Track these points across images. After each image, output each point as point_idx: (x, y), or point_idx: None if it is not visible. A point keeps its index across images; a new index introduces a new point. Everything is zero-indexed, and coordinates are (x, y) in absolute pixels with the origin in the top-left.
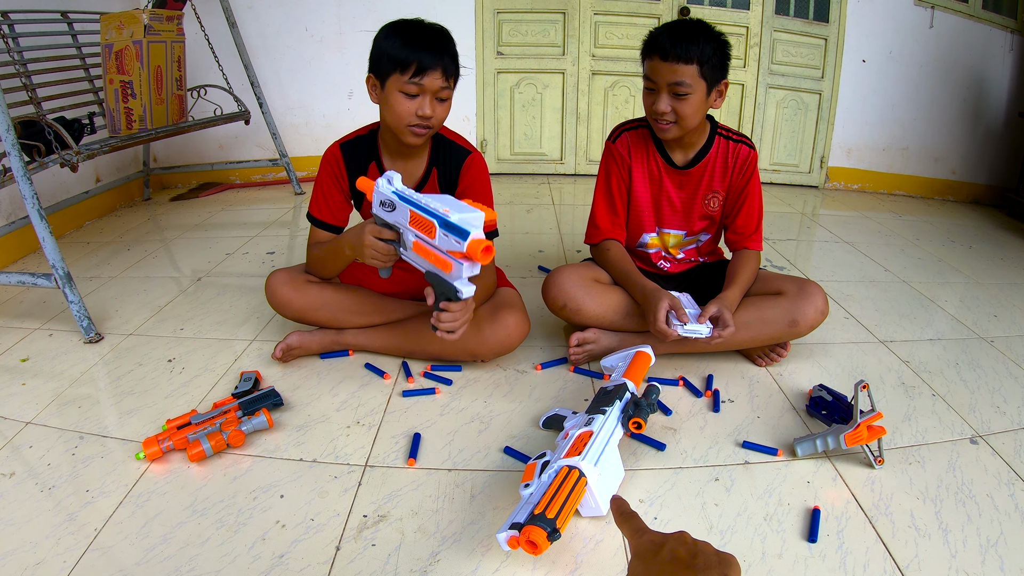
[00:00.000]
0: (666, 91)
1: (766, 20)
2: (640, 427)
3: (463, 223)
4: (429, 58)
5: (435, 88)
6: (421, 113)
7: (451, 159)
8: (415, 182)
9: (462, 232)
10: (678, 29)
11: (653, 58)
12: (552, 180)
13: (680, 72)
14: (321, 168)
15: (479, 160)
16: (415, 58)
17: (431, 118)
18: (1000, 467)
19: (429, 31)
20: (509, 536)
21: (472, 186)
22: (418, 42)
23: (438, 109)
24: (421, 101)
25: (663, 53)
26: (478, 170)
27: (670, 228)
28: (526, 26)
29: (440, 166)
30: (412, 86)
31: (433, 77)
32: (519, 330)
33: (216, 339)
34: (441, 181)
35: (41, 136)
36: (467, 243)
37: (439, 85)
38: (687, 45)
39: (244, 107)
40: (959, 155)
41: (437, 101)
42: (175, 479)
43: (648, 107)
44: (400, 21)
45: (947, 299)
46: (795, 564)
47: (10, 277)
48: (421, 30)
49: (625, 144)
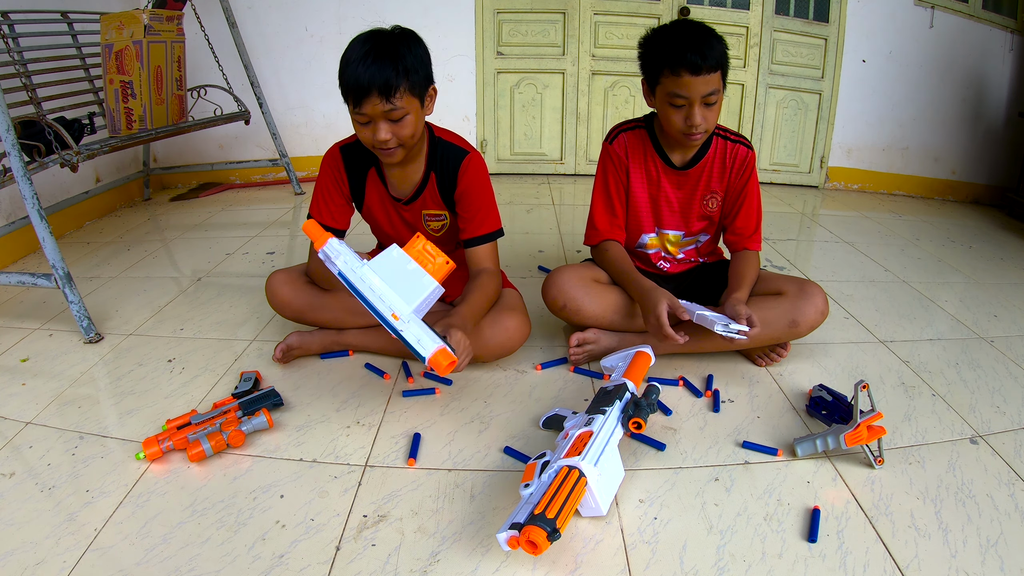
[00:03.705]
0: (699, 103)
1: (766, 20)
2: (640, 427)
3: (419, 345)
4: (363, 84)
5: (378, 113)
6: (376, 139)
7: (448, 161)
8: (413, 187)
9: (418, 354)
10: (694, 38)
11: (681, 74)
12: (552, 180)
13: (711, 82)
14: (321, 170)
15: (476, 160)
16: (351, 86)
17: (388, 141)
18: (1000, 467)
19: (370, 49)
20: (509, 536)
21: (469, 188)
22: (354, 66)
23: (396, 129)
24: (373, 127)
25: (694, 68)
26: (475, 171)
27: (669, 228)
28: (526, 26)
29: (437, 169)
30: (358, 115)
31: (372, 103)
32: (520, 333)
33: (216, 339)
34: (440, 184)
35: (41, 136)
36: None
37: (382, 109)
38: (712, 53)
39: (244, 107)
40: (959, 155)
41: (391, 123)
42: (175, 479)
43: (679, 123)
44: (355, 39)
45: (947, 299)
46: (795, 564)
47: (10, 277)
48: (361, 49)
49: (622, 145)
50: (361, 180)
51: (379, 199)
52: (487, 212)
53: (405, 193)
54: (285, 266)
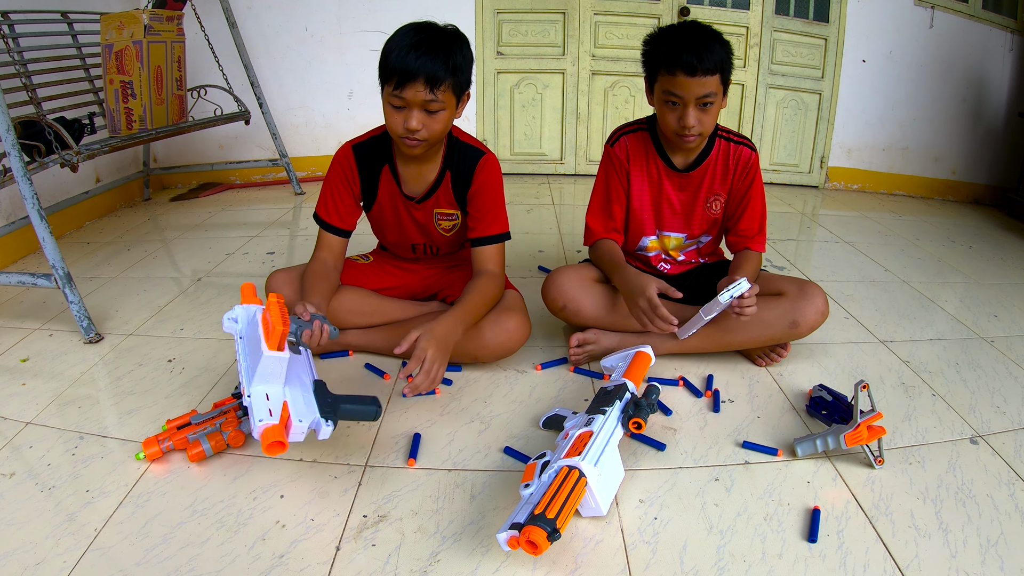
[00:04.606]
0: (693, 105)
1: (766, 20)
2: (640, 427)
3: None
4: (412, 70)
5: (418, 101)
6: (407, 126)
7: (464, 161)
8: (427, 186)
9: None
10: (694, 39)
11: (676, 74)
12: (552, 180)
13: (707, 84)
14: (332, 168)
15: (492, 162)
16: (397, 69)
17: (418, 131)
18: (1000, 467)
19: (424, 39)
20: (509, 536)
21: (482, 188)
22: (404, 51)
23: (428, 122)
24: (407, 114)
25: (689, 69)
26: (489, 172)
27: (671, 231)
28: (526, 26)
29: (453, 168)
30: (395, 98)
31: (415, 90)
32: (520, 334)
33: (216, 339)
34: (455, 183)
35: (41, 136)
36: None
37: (423, 98)
38: (710, 56)
39: (244, 107)
40: (959, 155)
41: (426, 114)
42: (175, 479)
43: (673, 123)
44: (405, 26)
45: (947, 299)
46: (795, 564)
47: (10, 277)
48: (415, 37)
49: (624, 148)
50: (374, 178)
51: (391, 198)
52: (497, 213)
53: (419, 192)
54: (285, 266)
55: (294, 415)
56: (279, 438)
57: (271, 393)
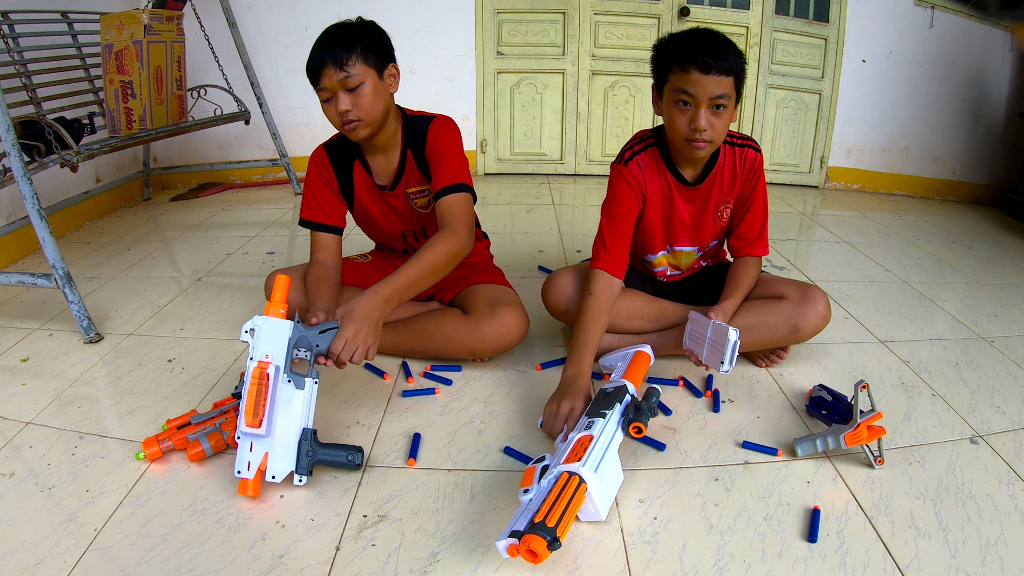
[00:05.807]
0: (706, 106)
1: (766, 20)
2: (641, 432)
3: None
4: (320, 61)
5: (335, 83)
6: (338, 112)
7: (418, 133)
8: (394, 171)
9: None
10: (710, 40)
11: (690, 71)
12: (552, 180)
13: (722, 84)
14: (309, 170)
15: (442, 119)
16: (311, 68)
17: (350, 111)
18: (1000, 467)
19: (326, 35)
20: (509, 544)
21: (435, 143)
22: (315, 52)
23: (355, 100)
24: (335, 101)
25: (704, 66)
26: (439, 127)
27: (681, 246)
28: (526, 26)
29: (411, 145)
30: (321, 93)
31: (327, 76)
32: (518, 327)
33: (216, 339)
34: (416, 157)
35: (41, 136)
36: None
37: (337, 79)
38: (726, 56)
39: (244, 107)
40: (959, 155)
41: (349, 93)
42: (175, 479)
43: (682, 126)
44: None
45: (947, 299)
46: (795, 564)
47: (10, 277)
48: (320, 39)
49: (638, 167)
50: (348, 174)
51: (368, 191)
52: (452, 163)
53: (389, 179)
54: (285, 266)
55: (269, 471)
56: (252, 493)
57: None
